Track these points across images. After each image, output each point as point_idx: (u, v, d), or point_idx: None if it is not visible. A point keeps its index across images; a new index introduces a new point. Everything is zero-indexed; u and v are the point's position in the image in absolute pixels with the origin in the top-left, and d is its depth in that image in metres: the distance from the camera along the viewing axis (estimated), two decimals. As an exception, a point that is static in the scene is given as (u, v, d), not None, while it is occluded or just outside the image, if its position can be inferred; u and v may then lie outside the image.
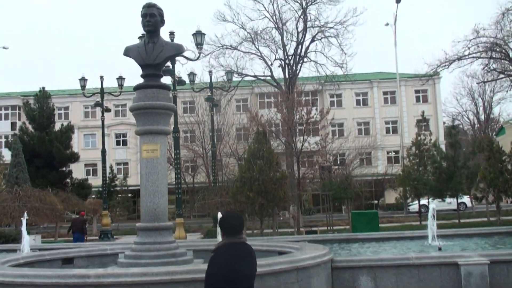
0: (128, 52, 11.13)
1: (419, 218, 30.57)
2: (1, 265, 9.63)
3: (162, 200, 10.49)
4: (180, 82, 25.78)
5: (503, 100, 70.03)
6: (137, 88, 10.85)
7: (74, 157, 43.44)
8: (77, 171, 53.75)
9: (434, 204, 15.44)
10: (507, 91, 32.10)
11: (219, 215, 16.26)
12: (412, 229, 25.37)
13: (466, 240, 15.96)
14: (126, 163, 60.00)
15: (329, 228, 28.80)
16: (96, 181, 52.73)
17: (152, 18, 10.75)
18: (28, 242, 15.13)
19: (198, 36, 23.90)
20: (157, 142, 10.55)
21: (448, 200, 30.73)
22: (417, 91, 59.26)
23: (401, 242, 15.83)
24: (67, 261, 11.92)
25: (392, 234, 17.43)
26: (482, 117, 73.53)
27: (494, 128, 71.80)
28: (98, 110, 59.19)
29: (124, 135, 61.21)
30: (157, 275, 7.66)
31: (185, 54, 20.15)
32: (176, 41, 22.49)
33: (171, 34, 23.64)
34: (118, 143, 60.55)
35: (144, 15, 10.78)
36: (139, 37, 24.00)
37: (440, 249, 13.17)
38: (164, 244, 10.25)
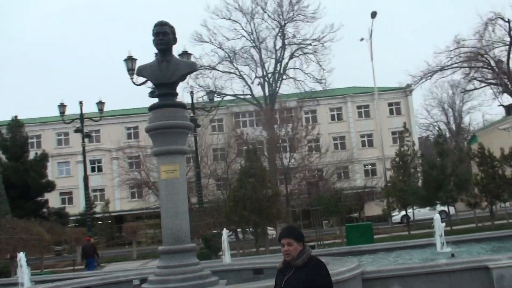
0: (141, 71, 10.93)
1: (408, 228, 30.74)
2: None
3: (184, 221, 10.22)
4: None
5: (472, 110, 71.65)
6: (152, 108, 10.62)
7: (50, 186, 42.52)
8: (52, 200, 52.61)
9: (438, 214, 15.50)
10: (494, 98, 32.62)
11: (225, 233, 16.03)
12: (402, 239, 25.47)
13: (470, 246, 16.01)
14: (102, 189, 59.05)
15: (319, 242, 28.72)
16: (72, 210, 51.71)
17: (165, 37, 10.58)
18: (27, 275, 14.60)
19: (184, 56, 23.78)
20: (176, 162, 10.31)
21: (438, 208, 31.08)
22: (390, 104, 60.13)
23: (408, 251, 15.79)
24: (83, 291, 11.55)
25: (395, 244, 17.36)
26: (453, 127, 75.10)
27: (465, 137, 73.29)
28: (71, 137, 58.52)
29: (99, 161, 60.32)
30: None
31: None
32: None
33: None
34: (93, 169, 59.52)
35: (156, 34, 10.60)
36: (125, 60, 23.76)
37: (453, 255, 13.17)
38: (190, 266, 9.96)
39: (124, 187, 53.45)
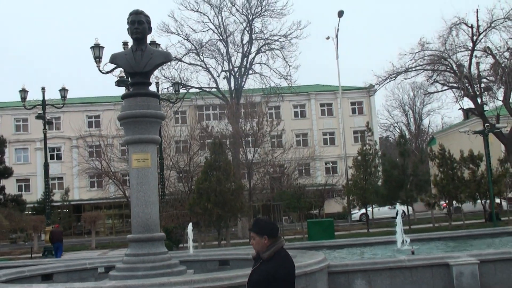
0: (115, 60, 10.89)
1: (367, 226, 31.27)
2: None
3: (154, 210, 10.29)
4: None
5: (432, 112, 73.18)
6: (126, 96, 10.62)
7: (8, 172, 41.66)
8: (9, 186, 51.55)
9: (400, 214, 15.96)
10: (456, 101, 33.30)
11: (190, 226, 16.08)
12: (361, 236, 25.98)
13: (430, 244, 16.48)
14: (61, 178, 58.01)
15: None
16: (29, 197, 50.76)
17: (140, 25, 10.58)
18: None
19: (152, 46, 23.56)
20: (148, 151, 10.36)
21: (398, 207, 31.75)
22: (353, 103, 60.86)
23: (370, 248, 16.14)
24: (46, 277, 11.46)
25: (357, 241, 17.72)
26: (413, 128, 76.66)
27: (424, 138, 74.94)
28: (30, 123, 57.40)
29: (58, 149, 59.21)
30: (176, 285, 7.50)
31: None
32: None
33: (125, 44, 23.21)
34: (52, 157, 58.30)
35: (132, 22, 10.58)
36: (91, 47, 23.37)
37: (413, 253, 13.56)
38: (158, 255, 10.05)
39: (84, 176, 52.60)
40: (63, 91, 32.04)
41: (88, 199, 54.95)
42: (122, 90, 32.67)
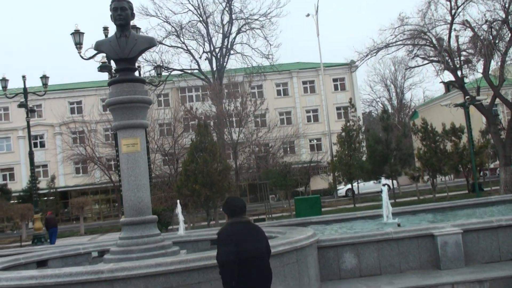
0: (99, 46, 10.96)
1: (353, 201, 31.73)
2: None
3: (146, 194, 10.45)
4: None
5: (413, 86, 73.75)
6: (112, 82, 10.70)
7: (-9, 162, 41.53)
8: (-8, 176, 51.63)
9: (385, 188, 16.27)
10: (436, 75, 33.39)
11: (178, 206, 16.31)
12: (348, 211, 26.40)
13: (415, 216, 16.84)
14: (45, 165, 57.82)
15: (268, 216, 29.38)
16: (14, 186, 50.62)
17: (124, 12, 10.62)
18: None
19: (133, 30, 23.46)
20: (137, 136, 10.47)
21: (383, 181, 32.27)
22: (335, 80, 61.16)
23: (357, 222, 16.45)
24: (42, 264, 11.62)
25: (344, 216, 18.00)
26: (395, 102, 77.25)
27: (407, 112, 75.62)
28: (11, 112, 56.97)
29: (41, 137, 58.91)
30: (172, 265, 7.71)
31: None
32: (102, 37, 22.00)
33: (105, 29, 23.13)
34: (35, 145, 58.05)
35: (115, 9, 10.61)
36: (72, 34, 23.28)
37: (399, 225, 13.92)
38: (152, 237, 10.22)
39: (69, 163, 52.49)
40: (44, 78, 31.81)
41: (74, 185, 54.92)
42: (104, 75, 32.62)
